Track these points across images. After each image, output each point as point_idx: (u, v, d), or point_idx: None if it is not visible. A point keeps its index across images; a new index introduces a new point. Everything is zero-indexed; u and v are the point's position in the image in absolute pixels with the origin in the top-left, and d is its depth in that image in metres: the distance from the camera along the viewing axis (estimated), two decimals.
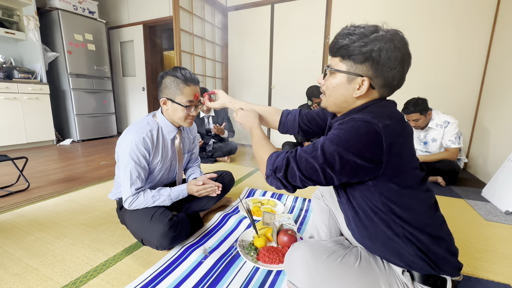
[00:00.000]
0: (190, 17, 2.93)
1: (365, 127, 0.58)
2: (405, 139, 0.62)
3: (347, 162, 0.58)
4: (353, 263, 0.68)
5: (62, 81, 3.57)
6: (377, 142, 0.57)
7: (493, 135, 2.18)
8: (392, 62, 0.59)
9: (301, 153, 0.63)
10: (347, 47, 0.61)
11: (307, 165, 0.61)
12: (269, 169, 0.67)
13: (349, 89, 0.65)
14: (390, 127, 0.58)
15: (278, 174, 0.65)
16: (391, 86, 0.64)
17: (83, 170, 2.27)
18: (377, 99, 0.67)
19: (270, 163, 0.67)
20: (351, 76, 0.63)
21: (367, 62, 0.60)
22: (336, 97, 0.67)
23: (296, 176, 0.63)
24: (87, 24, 3.66)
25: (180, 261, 0.99)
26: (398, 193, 0.62)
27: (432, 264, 0.63)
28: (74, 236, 1.18)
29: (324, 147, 0.60)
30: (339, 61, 0.65)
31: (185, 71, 1.07)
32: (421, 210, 0.63)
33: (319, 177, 0.61)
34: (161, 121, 1.15)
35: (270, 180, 0.67)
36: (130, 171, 1.05)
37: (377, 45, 0.58)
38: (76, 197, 1.64)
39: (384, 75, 0.61)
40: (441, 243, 0.64)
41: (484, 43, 2.38)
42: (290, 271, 0.72)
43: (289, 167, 0.63)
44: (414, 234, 0.62)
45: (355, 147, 0.57)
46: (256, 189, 1.81)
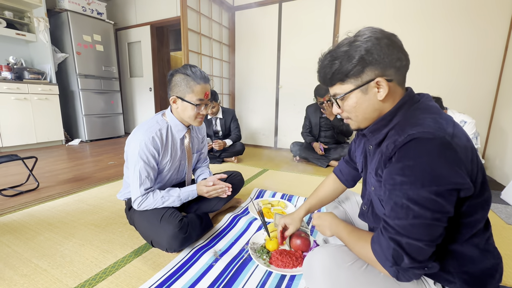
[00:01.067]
0: (198, 17, 2.92)
1: (434, 146, 0.49)
2: (469, 140, 0.55)
3: (450, 194, 0.49)
4: (378, 272, 0.63)
5: (71, 82, 3.61)
6: (455, 154, 0.50)
7: (510, 135, 2.09)
8: (386, 49, 0.56)
9: (398, 223, 0.52)
10: (339, 70, 0.59)
11: (420, 229, 0.50)
12: (390, 267, 0.54)
13: (371, 97, 0.60)
14: (455, 134, 0.51)
15: (403, 263, 0.52)
16: (403, 68, 0.59)
17: (91, 170, 2.28)
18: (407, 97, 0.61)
19: (383, 260, 0.55)
20: (363, 87, 0.59)
21: (367, 67, 0.58)
22: (364, 112, 0.62)
23: (421, 248, 0.51)
24: (96, 25, 3.69)
25: (190, 264, 0.96)
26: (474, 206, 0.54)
27: (474, 282, 0.57)
28: (83, 236, 1.16)
29: (415, 200, 0.50)
30: (341, 86, 0.62)
31: (195, 68, 1.05)
32: (478, 219, 0.56)
33: (439, 228, 0.51)
34: (171, 120, 1.13)
35: (403, 276, 0.55)
36: (139, 171, 1.03)
37: (363, 48, 0.56)
38: (84, 197, 1.63)
39: (390, 64, 0.57)
40: (489, 258, 0.57)
41: (501, 40, 2.30)
42: (310, 278, 0.68)
43: (404, 246, 0.52)
44: (461, 250, 0.56)
45: (444, 175, 0.48)
46: (266, 190, 1.78)
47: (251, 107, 3.65)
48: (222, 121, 2.68)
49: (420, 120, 0.55)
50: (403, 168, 0.52)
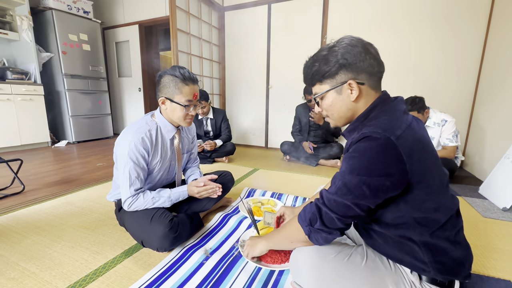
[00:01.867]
0: (187, 17, 2.91)
1: (379, 145, 0.56)
2: (421, 142, 0.60)
3: (376, 187, 0.57)
4: (359, 263, 0.67)
5: (56, 82, 3.52)
6: (396, 155, 0.56)
7: (488, 133, 2.21)
8: (360, 55, 0.63)
9: (328, 195, 0.64)
10: (318, 72, 0.67)
11: (339, 205, 0.62)
12: (305, 226, 0.67)
13: (344, 98, 0.67)
14: (403, 136, 0.57)
15: (316, 225, 0.65)
16: (375, 73, 0.65)
17: (79, 172, 2.24)
18: (379, 99, 0.66)
19: (303, 220, 0.68)
20: (338, 88, 0.67)
21: (341, 70, 0.65)
22: (338, 111, 0.69)
23: (333, 219, 0.63)
24: (82, 24, 3.62)
25: (181, 263, 0.97)
26: (424, 199, 0.60)
27: (446, 270, 0.62)
28: (72, 239, 1.15)
29: (347, 183, 0.60)
30: (320, 86, 0.70)
31: (183, 70, 1.06)
32: (445, 215, 0.62)
33: (355, 211, 0.61)
34: (160, 121, 1.14)
35: (313, 236, 0.67)
36: (129, 172, 1.03)
37: (339, 54, 0.64)
38: (73, 199, 1.61)
39: (362, 69, 0.64)
40: (458, 249, 0.63)
41: (479, 42, 2.41)
42: (296, 272, 0.71)
43: (322, 213, 0.64)
44: (433, 242, 0.61)
45: (378, 169, 0.56)
46: (256, 189, 1.80)
47: (242, 107, 3.67)
48: (213, 121, 2.68)
49: (378, 121, 0.62)
50: (350, 158, 0.61)
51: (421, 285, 0.65)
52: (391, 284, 0.65)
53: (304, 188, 1.91)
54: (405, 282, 0.66)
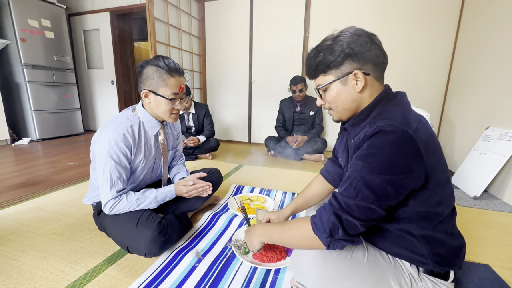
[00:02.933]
0: (165, 6, 2.74)
1: (397, 139, 0.54)
2: (432, 136, 0.59)
3: (400, 185, 0.55)
4: (361, 259, 0.67)
5: (15, 73, 3.15)
6: (416, 149, 0.54)
7: (458, 127, 2.37)
8: (365, 45, 0.61)
9: (347, 200, 0.58)
10: (322, 62, 0.64)
11: (361, 210, 0.57)
12: (325, 238, 0.60)
13: (349, 89, 0.65)
14: (419, 130, 0.56)
15: (337, 235, 0.59)
16: (380, 64, 0.64)
17: (47, 172, 2.03)
18: (384, 93, 0.65)
19: (321, 232, 0.61)
20: (343, 78, 0.64)
21: (347, 60, 0.62)
22: (343, 102, 0.66)
23: (356, 225, 0.58)
24: (44, 8, 3.26)
25: (172, 267, 0.91)
26: (431, 193, 0.59)
27: (443, 262, 0.63)
28: (43, 248, 1.03)
29: (369, 183, 0.56)
30: (323, 77, 0.67)
31: (168, 60, 0.98)
32: (447, 208, 0.62)
33: (378, 213, 0.58)
34: (143, 116, 1.04)
35: (333, 245, 0.61)
36: (110, 172, 0.94)
37: (345, 43, 0.61)
38: (41, 204, 1.45)
39: (368, 59, 0.62)
40: (455, 240, 0.64)
41: (450, 41, 2.56)
42: (298, 272, 0.69)
43: (343, 221, 0.58)
44: (432, 235, 0.62)
45: (400, 166, 0.54)
46: (244, 185, 1.77)
47: (224, 102, 3.58)
48: (195, 116, 2.58)
49: (391, 114, 0.60)
50: (367, 155, 0.57)
51: (419, 277, 0.67)
52: (392, 278, 0.66)
53: (291, 183, 1.91)
54: (404, 275, 0.66)
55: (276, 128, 2.88)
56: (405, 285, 0.65)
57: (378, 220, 0.60)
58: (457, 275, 0.92)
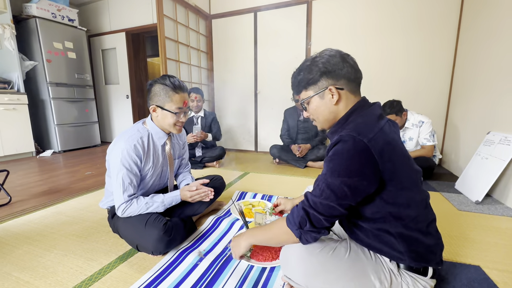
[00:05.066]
0: (175, 25, 2.96)
1: (354, 147, 0.63)
2: (391, 144, 0.66)
3: (355, 187, 0.64)
4: (343, 255, 0.74)
5: (41, 91, 3.45)
6: (369, 156, 0.63)
7: (462, 132, 2.37)
8: (338, 64, 0.72)
9: (313, 199, 0.69)
10: (303, 79, 0.77)
11: (324, 207, 0.67)
12: (296, 230, 0.71)
13: (327, 102, 0.75)
14: (374, 139, 0.64)
15: (306, 227, 0.70)
16: (354, 79, 0.74)
17: (67, 181, 2.21)
18: (358, 104, 0.74)
19: (292, 225, 0.72)
20: (320, 93, 0.75)
21: (323, 77, 0.73)
22: (323, 114, 0.77)
23: (321, 220, 0.68)
24: (67, 32, 3.58)
25: (176, 265, 1.01)
26: (396, 195, 0.67)
27: (419, 258, 0.70)
28: (64, 247, 1.16)
29: (330, 185, 0.66)
30: (305, 92, 0.79)
31: (173, 79, 1.11)
32: (417, 209, 0.69)
33: (339, 211, 0.67)
34: (151, 128, 1.17)
35: (304, 237, 0.72)
36: (122, 178, 1.06)
37: (320, 63, 0.73)
38: (63, 209, 1.60)
39: (341, 75, 0.72)
40: (430, 239, 0.70)
41: (451, 46, 2.59)
42: (286, 267, 0.77)
43: (310, 215, 0.69)
44: (407, 233, 0.69)
45: (355, 170, 0.63)
46: (247, 192, 1.85)
47: (231, 112, 3.73)
48: (203, 119, 2.72)
49: (354, 125, 0.68)
50: (330, 161, 0.67)
51: (399, 272, 0.72)
52: (372, 273, 0.72)
53: (293, 189, 1.98)
54: (384, 270, 0.73)
55: (281, 136, 2.97)
56: (384, 279, 0.71)
57: (340, 217, 0.70)
58: (440, 272, 0.96)
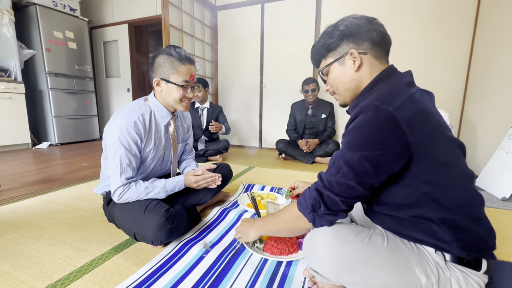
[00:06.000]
0: (179, 14, 2.85)
1: (376, 117, 0.54)
2: (423, 112, 0.56)
3: (378, 162, 0.55)
4: (381, 243, 0.61)
5: (39, 81, 3.34)
6: (395, 126, 0.53)
7: (479, 128, 2.25)
8: (362, 25, 0.65)
9: (328, 178, 0.60)
10: (322, 46, 0.70)
11: (341, 187, 0.58)
12: (308, 214, 0.63)
13: (347, 69, 0.67)
14: (401, 107, 0.54)
15: (319, 210, 0.61)
16: (380, 43, 0.66)
17: (62, 171, 2.09)
18: (384, 72, 0.65)
19: (304, 208, 0.63)
20: (341, 59, 0.68)
21: (343, 41, 0.66)
22: (343, 83, 0.69)
23: (336, 202, 0.59)
24: (68, 21, 3.48)
25: (179, 257, 0.88)
26: (432, 172, 0.55)
27: (470, 248, 0.57)
28: (53, 236, 1.03)
29: (348, 161, 0.57)
30: (324, 61, 0.72)
31: (179, 49, 1.00)
32: (460, 190, 0.57)
33: (358, 191, 0.58)
34: (154, 105, 1.05)
35: (318, 222, 0.62)
36: (120, 158, 0.94)
37: (342, 26, 0.67)
38: (55, 197, 1.47)
39: (364, 37, 0.65)
40: (479, 225, 0.58)
41: (467, 41, 2.48)
42: (312, 257, 0.64)
43: (324, 197, 0.60)
44: (452, 219, 0.56)
45: (377, 142, 0.54)
46: (254, 184, 1.73)
47: (235, 107, 3.61)
48: (210, 110, 2.59)
49: (377, 93, 0.60)
50: (348, 135, 0.59)
51: (446, 266, 0.60)
52: (416, 266, 0.59)
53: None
54: (430, 263, 0.60)
55: (288, 131, 2.85)
56: (431, 273, 0.58)
57: (360, 198, 0.60)
58: (491, 272, 0.83)
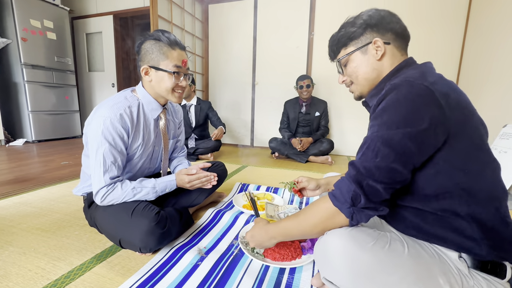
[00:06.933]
0: (169, 5, 2.72)
1: (412, 91, 0.51)
2: (456, 91, 0.54)
3: (422, 140, 0.50)
4: (402, 251, 0.55)
5: (13, 72, 3.09)
6: (434, 100, 0.50)
7: None
8: (386, 17, 0.64)
9: (365, 164, 0.53)
10: (344, 35, 0.67)
11: (382, 172, 0.52)
12: (347, 208, 0.54)
13: (369, 58, 0.65)
14: (436, 82, 0.52)
15: (360, 204, 0.53)
16: (401, 35, 0.65)
17: (39, 170, 1.92)
18: (405, 62, 0.64)
19: (341, 202, 0.55)
20: (363, 48, 0.65)
21: (367, 30, 0.65)
22: (364, 72, 0.67)
23: (378, 190, 0.52)
24: (47, 9, 3.24)
25: (170, 265, 0.79)
26: (467, 156, 0.51)
27: (498, 248, 0.52)
28: (24, 244, 0.91)
29: (387, 141, 0.51)
30: (344, 50, 0.69)
31: (168, 33, 0.90)
32: (491, 180, 0.53)
33: (402, 175, 0.52)
34: (143, 97, 0.95)
35: (356, 217, 0.55)
36: (104, 155, 0.83)
37: (366, 15, 0.65)
38: (28, 199, 1.33)
39: (387, 28, 0.64)
40: (506, 224, 0.53)
41: (458, 44, 2.52)
42: (325, 266, 0.57)
43: (364, 187, 0.53)
44: (480, 213, 0.52)
45: (420, 118, 0.50)
46: (248, 184, 1.65)
47: (226, 104, 3.51)
48: (198, 107, 2.48)
49: (405, 75, 0.57)
50: (382, 114, 0.53)
51: (469, 274, 0.55)
52: (439, 275, 0.53)
53: None
54: (453, 271, 0.54)
55: (280, 129, 2.79)
56: (455, 283, 0.53)
57: (403, 183, 0.54)
58: None
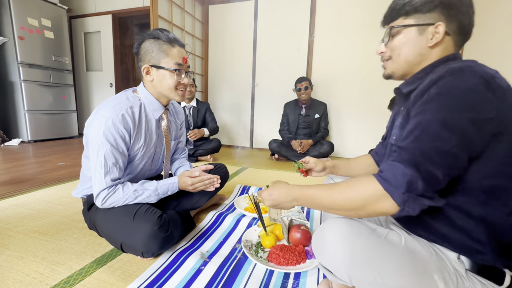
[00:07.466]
0: (169, 5, 2.71)
1: (475, 78, 0.47)
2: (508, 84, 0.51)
3: (483, 128, 0.46)
4: (398, 242, 0.54)
5: (10, 71, 3.04)
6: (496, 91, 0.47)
7: None
8: (464, 4, 0.56)
9: (422, 147, 0.47)
10: (410, 3, 0.58)
11: (441, 156, 0.46)
12: (402, 194, 0.47)
13: (422, 40, 0.58)
14: (497, 76, 0.48)
15: (417, 190, 0.46)
16: (465, 33, 0.58)
17: (35, 171, 1.88)
18: (453, 56, 0.58)
19: (394, 187, 0.47)
20: (423, 27, 0.57)
21: (436, 9, 0.56)
22: (408, 52, 0.60)
23: (437, 177, 0.46)
24: (45, 8, 3.21)
25: (173, 270, 0.77)
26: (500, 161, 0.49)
27: (505, 254, 0.51)
28: (21, 247, 0.88)
29: (447, 123, 0.46)
30: (402, 20, 0.61)
31: (167, 31, 0.89)
32: None
33: (461, 162, 0.47)
34: (144, 97, 0.93)
35: (409, 206, 0.47)
36: (105, 156, 0.81)
37: None
38: (25, 201, 1.30)
39: (458, 16, 0.56)
40: None
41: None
42: (322, 251, 0.56)
43: (422, 172, 0.46)
44: (496, 217, 0.50)
45: (486, 105, 0.46)
46: (249, 186, 1.63)
47: (226, 105, 3.49)
48: (196, 110, 2.47)
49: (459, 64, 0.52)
50: (439, 97, 0.48)
51: (466, 276, 0.53)
52: (435, 271, 0.52)
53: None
54: (449, 270, 0.53)
55: (280, 131, 2.78)
56: (449, 281, 0.51)
57: (460, 171, 0.48)
58: None
